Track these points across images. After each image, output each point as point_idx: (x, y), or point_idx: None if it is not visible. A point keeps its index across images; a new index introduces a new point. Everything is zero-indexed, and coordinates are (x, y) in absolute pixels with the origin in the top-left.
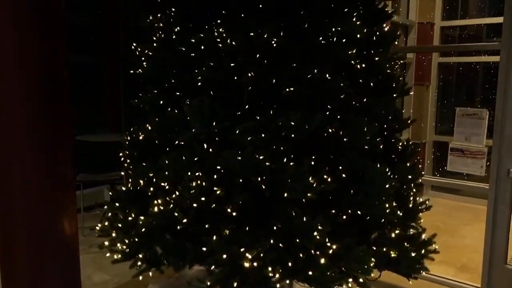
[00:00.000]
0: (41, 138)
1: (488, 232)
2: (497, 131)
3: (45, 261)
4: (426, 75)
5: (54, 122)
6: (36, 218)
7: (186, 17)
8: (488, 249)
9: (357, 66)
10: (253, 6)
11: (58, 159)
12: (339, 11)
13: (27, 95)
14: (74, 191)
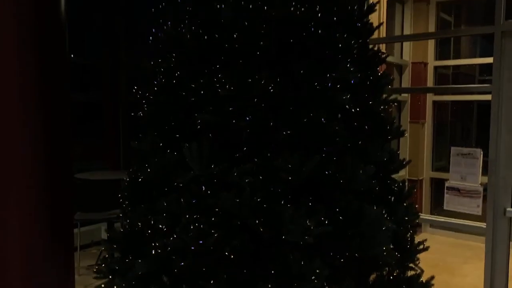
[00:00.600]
0: (40, 177)
1: (487, 273)
2: (492, 170)
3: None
4: (421, 113)
5: (54, 162)
6: (32, 258)
7: (186, 62)
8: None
9: (352, 110)
10: (251, 53)
11: (57, 200)
12: (334, 58)
13: (28, 133)
14: (72, 231)
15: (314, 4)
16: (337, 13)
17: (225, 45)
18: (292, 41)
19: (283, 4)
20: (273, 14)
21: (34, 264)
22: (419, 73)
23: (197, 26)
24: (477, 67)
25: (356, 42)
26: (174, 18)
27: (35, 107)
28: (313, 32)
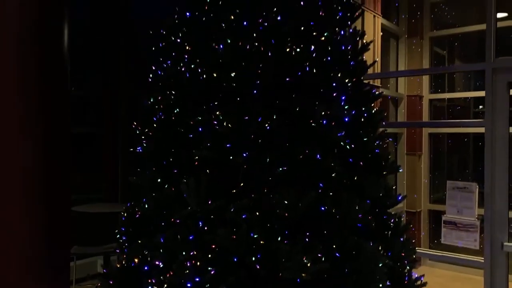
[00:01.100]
0: (39, 212)
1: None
2: (488, 204)
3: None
4: (417, 145)
5: (53, 197)
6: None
7: (185, 100)
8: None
9: (347, 147)
10: (248, 91)
11: (54, 235)
12: (328, 96)
13: (28, 165)
14: (68, 264)
15: (309, 44)
16: (332, 52)
17: (223, 83)
18: (288, 80)
19: (279, 45)
20: (270, 54)
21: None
22: (414, 106)
23: (196, 65)
24: (472, 99)
25: (351, 80)
26: (174, 56)
27: (35, 140)
28: (308, 71)
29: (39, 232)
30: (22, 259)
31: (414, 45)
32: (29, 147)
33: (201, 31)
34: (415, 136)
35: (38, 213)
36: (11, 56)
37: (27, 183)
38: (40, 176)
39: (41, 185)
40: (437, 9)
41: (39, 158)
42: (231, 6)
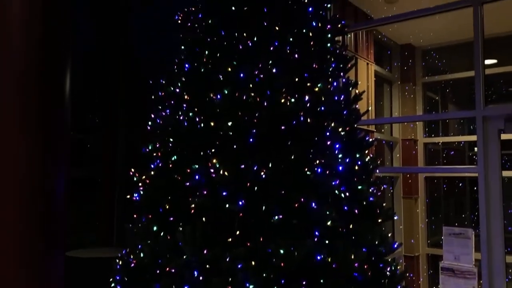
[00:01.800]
0: (33, 258)
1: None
2: (484, 252)
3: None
4: (413, 189)
5: (49, 243)
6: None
7: (182, 148)
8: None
9: (342, 195)
10: (244, 140)
11: (48, 283)
12: (322, 144)
13: (24, 211)
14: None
15: (303, 95)
16: (325, 102)
17: (220, 132)
18: (283, 129)
19: (274, 95)
20: (265, 104)
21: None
22: (409, 150)
23: (194, 114)
24: (466, 142)
25: (344, 129)
26: (172, 105)
27: (33, 184)
28: (303, 120)
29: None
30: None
31: (407, 90)
32: (23, 192)
33: (199, 82)
34: (411, 179)
35: (34, 267)
36: (14, 98)
37: (23, 229)
38: (36, 224)
39: (37, 234)
40: (428, 56)
41: (39, 197)
42: (229, 58)
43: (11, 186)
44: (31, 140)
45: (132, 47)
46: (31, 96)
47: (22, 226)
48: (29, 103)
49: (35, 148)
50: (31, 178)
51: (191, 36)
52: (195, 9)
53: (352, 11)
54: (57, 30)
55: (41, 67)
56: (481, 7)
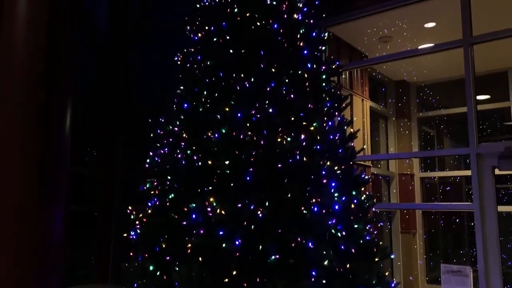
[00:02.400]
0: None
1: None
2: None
3: None
4: (411, 223)
5: (46, 279)
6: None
7: (180, 186)
8: None
9: (338, 234)
10: (241, 178)
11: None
12: (319, 183)
13: (19, 254)
14: None
15: (299, 134)
16: (321, 141)
17: (217, 170)
18: (279, 168)
19: (271, 135)
20: (262, 143)
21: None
22: (406, 184)
23: (192, 152)
24: (463, 177)
25: (340, 168)
26: (171, 142)
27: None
28: (299, 159)
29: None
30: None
31: (403, 125)
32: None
33: (198, 121)
34: (409, 214)
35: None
36: (15, 131)
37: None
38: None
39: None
40: (422, 92)
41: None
42: (226, 98)
43: (8, 220)
44: (30, 173)
45: (132, 85)
46: (31, 130)
47: (17, 260)
48: (30, 137)
49: (33, 182)
50: (28, 212)
51: (190, 76)
52: (194, 50)
53: (347, 50)
54: (58, 68)
55: (43, 102)
56: (471, 47)
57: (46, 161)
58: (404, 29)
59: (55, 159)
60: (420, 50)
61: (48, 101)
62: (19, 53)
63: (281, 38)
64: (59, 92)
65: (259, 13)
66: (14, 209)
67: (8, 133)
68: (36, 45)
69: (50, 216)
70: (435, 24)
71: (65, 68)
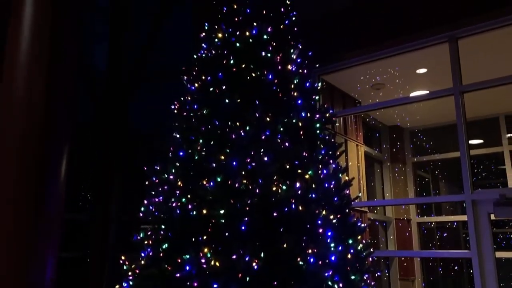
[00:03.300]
0: None
1: None
2: None
3: None
4: (410, 270)
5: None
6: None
7: (174, 236)
8: None
9: (335, 286)
10: (236, 228)
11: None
12: (314, 232)
13: None
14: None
15: (294, 182)
16: (316, 190)
17: (212, 220)
18: (274, 216)
19: (266, 183)
20: (257, 192)
21: None
22: (403, 230)
23: (187, 201)
24: (460, 221)
25: (336, 217)
26: (165, 190)
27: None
28: (294, 208)
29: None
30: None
31: (398, 170)
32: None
33: (193, 169)
34: (407, 261)
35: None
36: (10, 176)
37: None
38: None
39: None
40: (416, 137)
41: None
42: (222, 146)
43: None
44: (23, 221)
45: (129, 130)
46: (28, 174)
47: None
48: (25, 185)
49: (26, 230)
50: (19, 261)
51: (187, 125)
52: (191, 99)
53: (340, 96)
54: (57, 116)
55: (39, 150)
56: (462, 95)
57: (39, 211)
58: (396, 76)
59: (49, 209)
60: (412, 98)
61: (45, 148)
62: (19, 98)
63: (276, 88)
64: (56, 140)
65: (254, 65)
66: (7, 258)
67: (2, 180)
68: (36, 92)
69: (42, 265)
70: (426, 70)
71: (63, 116)
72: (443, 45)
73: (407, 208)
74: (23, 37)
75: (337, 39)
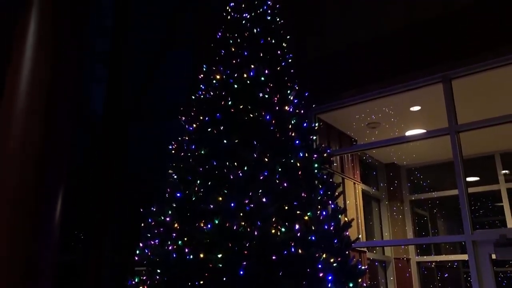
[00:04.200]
0: None
1: None
2: None
3: None
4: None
5: None
6: None
7: (169, 279)
8: None
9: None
10: (233, 272)
11: None
12: (315, 277)
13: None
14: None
15: (293, 223)
16: (316, 231)
17: (209, 264)
18: (273, 260)
19: (264, 225)
20: (256, 234)
21: None
22: (403, 270)
23: (184, 244)
24: (460, 261)
25: (336, 260)
26: (161, 234)
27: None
28: (294, 251)
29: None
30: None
31: (396, 210)
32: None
33: (190, 210)
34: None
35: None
36: (5, 222)
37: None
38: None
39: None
40: (413, 175)
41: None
42: (219, 187)
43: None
44: (15, 269)
45: (125, 173)
46: (23, 213)
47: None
48: (21, 221)
49: (18, 273)
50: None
51: (184, 165)
52: (189, 139)
53: (337, 134)
54: (53, 156)
55: (36, 188)
56: (457, 135)
57: (33, 257)
58: (391, 115)
59: (43, 253)
60: (408, 137)
61: (40, 189)
62: (15, 136)
63: (273, 128)
64: (52, 180)
65: (252, 105)
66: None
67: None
68: (32, 132)
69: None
70: (420, 107)
71: (59, 157)
72: (437, 85)
73: (406, 248)
74: (22, 82)
75: (332, 79)
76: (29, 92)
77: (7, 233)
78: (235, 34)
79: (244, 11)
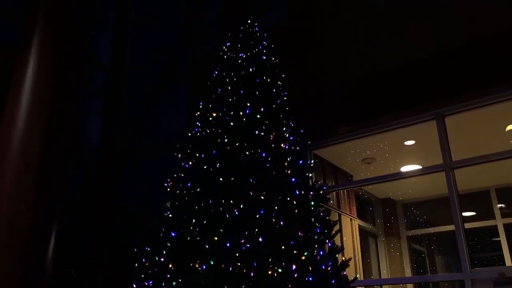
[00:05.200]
0: None
1: None
2: None
3: None
4: None
5: None
6: None
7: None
8: None
9: None
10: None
11: None
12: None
13: None
14: None
15: (290, 264)
16: (313, 272)
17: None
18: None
19: (261, 267)
20: (252, 275)
21: None
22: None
23: (178, 285)
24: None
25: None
26: (156, 274)
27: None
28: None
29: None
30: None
31: (393, 245)
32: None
33: (185, 250)
34: None
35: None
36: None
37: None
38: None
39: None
40: (408, 211)
41: None
42: (215, 226)
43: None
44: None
45: (118, 211)
46: (16, 250)
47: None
48: (14, 258)
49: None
50: None
51: (179, 203)
52: (185, 176)
53: (332, 170)
54: (48, 194)
55: (30, 219)
56: (452, 171)
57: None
58: (386, 150)
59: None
60: (403, 173)
61: (33, 224)
62: (13, 161)
63: (270, 166)
64: (45, 216)
65: (248, 143)
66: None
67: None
68: (28, 157)
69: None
70: (414, 142)
71: (55, 194)
72: (431, 121)
73: (405, 286)
74: (20, 115)
75: (327, 116)
76: (27, 122)
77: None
78: (231, 73)
79: (240, 50)
